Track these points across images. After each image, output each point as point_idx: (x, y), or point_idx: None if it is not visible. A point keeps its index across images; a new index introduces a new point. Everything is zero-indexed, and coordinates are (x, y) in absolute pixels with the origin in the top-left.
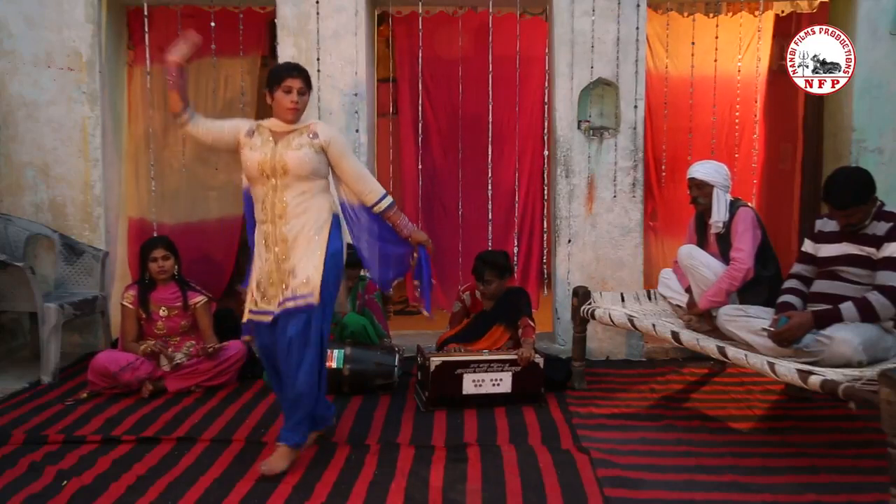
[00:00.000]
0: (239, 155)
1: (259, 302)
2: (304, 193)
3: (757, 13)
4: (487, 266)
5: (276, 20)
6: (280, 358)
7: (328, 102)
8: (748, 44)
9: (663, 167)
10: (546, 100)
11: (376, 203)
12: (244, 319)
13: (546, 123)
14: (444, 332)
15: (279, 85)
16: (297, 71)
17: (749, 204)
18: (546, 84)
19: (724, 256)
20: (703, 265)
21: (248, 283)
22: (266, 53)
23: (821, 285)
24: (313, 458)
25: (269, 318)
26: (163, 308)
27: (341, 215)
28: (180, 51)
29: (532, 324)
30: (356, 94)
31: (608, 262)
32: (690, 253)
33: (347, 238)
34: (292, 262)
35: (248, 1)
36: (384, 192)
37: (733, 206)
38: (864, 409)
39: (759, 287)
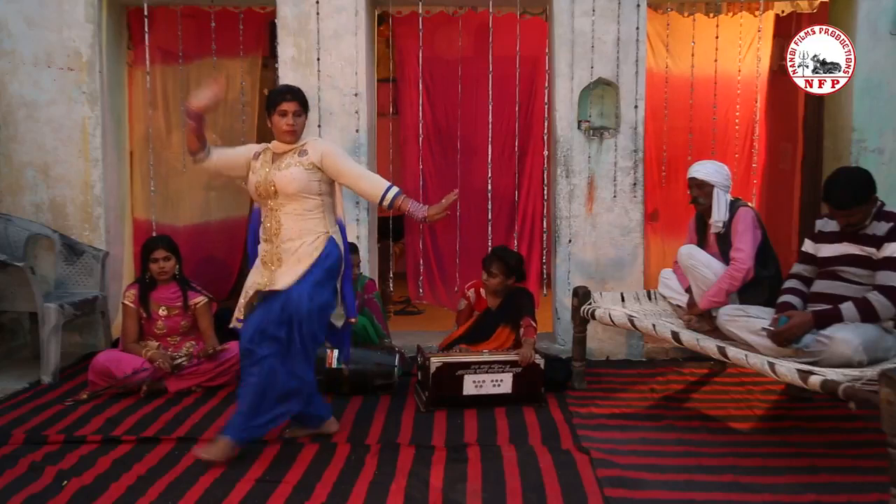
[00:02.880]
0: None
1: (244, 311)
2: (298, 214)
3: (757, 13)
4: (497, 259)
5: (276, 20)
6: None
7: (328, 102)
8: (748, 44)
9: (663, 167)
10: (546, 100)
11: (383, 198)
12: (230, 325)
13: (546, 123)
14: (451, 333)
15: (275, 109)
16: (291, 94)
17: (749, 204)
18: (546, 84)
19: (724, 256)
20: (704, 265)
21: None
22: (266, 54)
23: (821, 285)
24: (313, 458)
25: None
26: (163, 308)
27: (338, 236)
28: (204, 98)
29: (534, 324)
30: (356, 94)
31: (608, 262)
32: (690, 253)
33: None
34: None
35: (248, 1)
36: (388, 184)
37: (733, 206)
38: (864, 409)
39: (759, 287)
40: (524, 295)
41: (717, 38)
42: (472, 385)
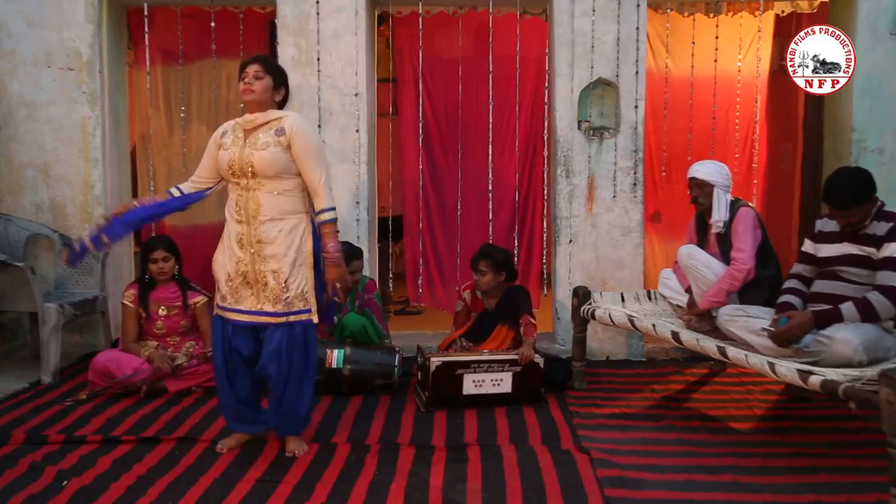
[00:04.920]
0: None
1: (228, 298)
2: (278, 194)
3: (757, 13)
4: (483, 257)
5: (276, 20)
6: (267, 364)
7: (328, 102)
8: (748, 44)
9: (664, 167)
10: (546, 100)
11: (319, 212)
12: (213, 312)
13: (546, 123)
14: (449, 335)
15: (240, 76)
16: (255, 58)
17: (750, 204)
18: (546, 84)
19: (725, 256)
20: (704, 265)
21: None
22: (267, 54)
23: (821, 285)
24: (313, 459)
25: (242, 318)
26: (162, 307)
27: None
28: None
29: (533, 321)
30: (356, 94)
31: (608, 263)
32: (690, 253)
33: None
34: (275, 269)
35: (248, 1)
36: (331, 206)
37: (734, 206)
38: (864, 409)
39: (759, 287)
40: (521, 293)
41: (717, 38)
42: (471, 384)
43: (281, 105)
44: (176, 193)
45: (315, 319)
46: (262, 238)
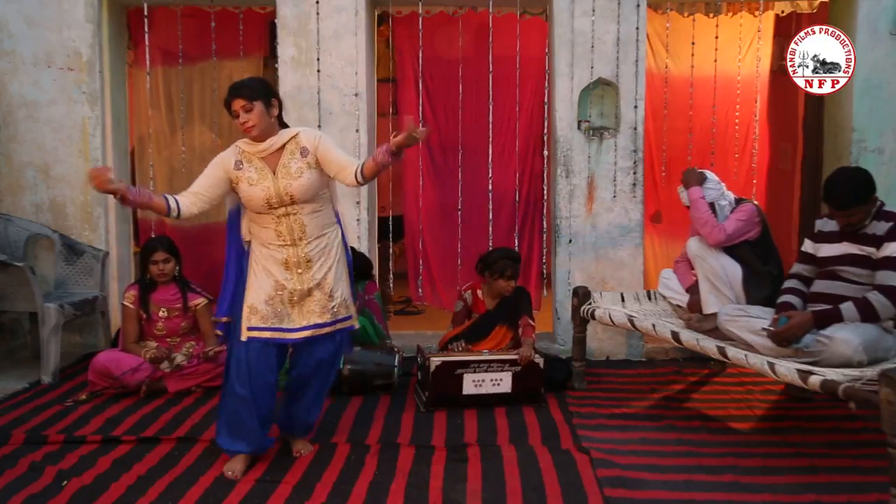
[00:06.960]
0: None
1: (271, 319)
2: (316, 212)
3: (757, 13)
4: (514, 262)
5: (276, 20)
6: (313, 375)
7: (328, 102)
8: (748, 44)
9: (663, 167)
10: (546, 100)
11: (356, 177)
12: (243, 337)
13: (546, 123)
14: (447, 332)
15: (230, 114)
16: (233, 91)
17: (754, 202)
18: (546, 84)
19: (730, 253)
20: (713, 257)
21: (225, 310)
22: (267, 54)
23: (821, 285)
24: (313, 459)
25: (291, 336)
26: (162, 309)
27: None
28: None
29: (532, 323)
30: (356, 94)
31: (608, 262)
32: (700, 245)
33: None
34: (320, 281)
35: (248, 1)
36: (357, 162)
37: (738, 204)
38: (864, 409)
39: (762, 284)
40: (522, 294)
41: (716, 38)
42: (471, 384)
43: (280, 117)
44: (173, 206)
45: (357, 325)
46: (311, 256)
